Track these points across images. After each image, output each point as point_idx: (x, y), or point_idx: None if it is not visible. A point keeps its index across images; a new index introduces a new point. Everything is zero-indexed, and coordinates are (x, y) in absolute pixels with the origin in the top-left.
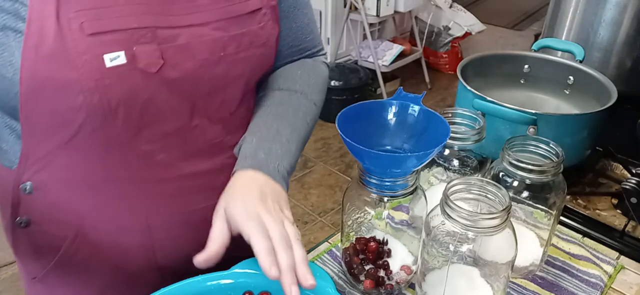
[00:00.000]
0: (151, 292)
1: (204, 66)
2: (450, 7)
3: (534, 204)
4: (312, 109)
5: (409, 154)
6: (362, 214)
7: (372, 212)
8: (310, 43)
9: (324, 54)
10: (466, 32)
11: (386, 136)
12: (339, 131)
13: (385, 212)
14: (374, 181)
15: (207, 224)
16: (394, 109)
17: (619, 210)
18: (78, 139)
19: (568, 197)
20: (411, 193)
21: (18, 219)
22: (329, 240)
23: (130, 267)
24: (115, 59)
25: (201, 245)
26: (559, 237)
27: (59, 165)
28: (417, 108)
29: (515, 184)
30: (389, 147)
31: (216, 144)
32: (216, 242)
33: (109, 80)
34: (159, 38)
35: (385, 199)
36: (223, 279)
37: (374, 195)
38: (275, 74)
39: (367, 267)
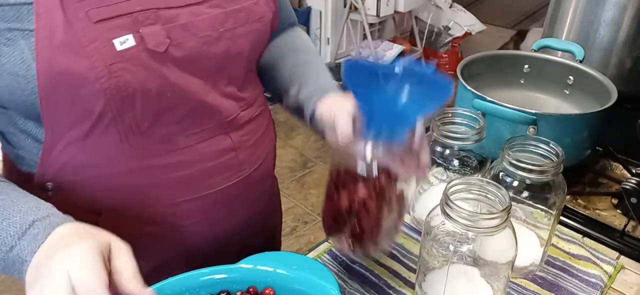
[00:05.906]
0: None
1: (207, 43)
2: (450, 7)
3: (534, 204)
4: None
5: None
6: None
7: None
8: (293, 17)
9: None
10: (466, 32)
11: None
12: (343, 78)
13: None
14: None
15: (232, 203)
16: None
17: (619, 210)
18: (98, 129)
19: (568, 197)
20: None
21: None
22: (329, 240)
23: (157, 260)
24: (124, 42)
25: (228, 225)
26: (559, 237)
27: (80, 161)
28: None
29: (515, 184)
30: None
31: (232, 120)
32: (346, 125)
33: (122, 64)
34: (162, 19)
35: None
36: (227, 273)
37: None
38: (272, 45)
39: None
